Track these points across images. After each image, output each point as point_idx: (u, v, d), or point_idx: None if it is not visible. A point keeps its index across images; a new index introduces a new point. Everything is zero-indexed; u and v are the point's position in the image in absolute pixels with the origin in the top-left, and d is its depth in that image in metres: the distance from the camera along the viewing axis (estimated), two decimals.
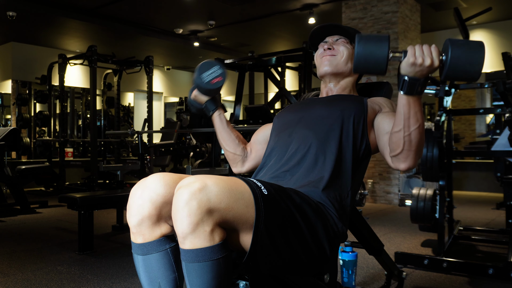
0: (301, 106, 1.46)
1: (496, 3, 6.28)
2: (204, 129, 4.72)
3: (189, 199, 0.91)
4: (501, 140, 3.20)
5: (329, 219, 1.17)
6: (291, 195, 1.09)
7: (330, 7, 6.50)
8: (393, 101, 1.42)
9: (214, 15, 7.12)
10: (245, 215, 0.97)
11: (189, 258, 0.93)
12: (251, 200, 0.98)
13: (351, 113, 1.32)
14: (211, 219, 0.92)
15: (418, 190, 3.02)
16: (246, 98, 6.39)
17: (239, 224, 0.97)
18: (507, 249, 2.68)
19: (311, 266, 1.14)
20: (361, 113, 1.33)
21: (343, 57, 1.42)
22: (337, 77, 1.45)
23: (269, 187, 1.05)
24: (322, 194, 1.20)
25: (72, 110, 9.75)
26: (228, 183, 0.98)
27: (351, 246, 1.91)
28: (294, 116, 1.43)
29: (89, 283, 2.32)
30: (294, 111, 1.46)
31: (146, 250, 1.05)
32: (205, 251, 0.92)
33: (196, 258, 0.93)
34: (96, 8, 6.69)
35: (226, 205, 0.94)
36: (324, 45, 1.46)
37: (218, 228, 0.94)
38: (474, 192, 6.95)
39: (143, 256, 1.05)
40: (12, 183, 4.79)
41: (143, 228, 1.04)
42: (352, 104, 1.35)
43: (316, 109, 1.39)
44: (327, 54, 1.44)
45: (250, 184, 1.02)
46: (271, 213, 1.01)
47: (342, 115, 1.32)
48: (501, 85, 2.61)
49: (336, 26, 1.46)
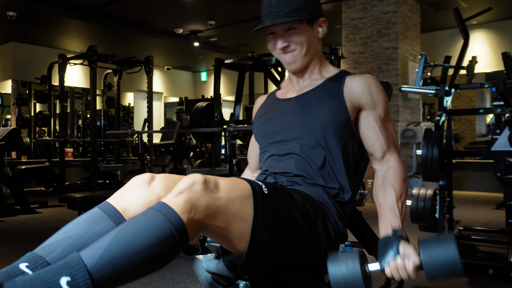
0: (275, 114, 1.34)
1: (496, 3, 6.28)
2: (204, 129, 4.72)
3: (196, 180, 0.91)
4: (501, 140, 3.20)
5: (330, 219, 1.16)
6: (292, 194, 1.09)
7: (330, 7, 6.50)
8: (378, 84, 1.27)
9: (214, 15, 7.12)
10: (242, 212, 0.96)
11: (155, 205, 0.88)
12: (250, 197, 0.98)
13: (331, 126, 1.23)
14: (203, 207, 0.89)
15: (418, 190, 3.02)
16: (246, 98, 6.39)
17: (236, 221, 0.96)
18: (507, 249, 2.68)
19: (311, 266, 1.13)
20: (343, 117, 1.24)
21: (304, 47, 1.25)
22: (306, 67, 1.32)
23: (270, 186, 1.05)
24: (324, 194, 1.19)
25: (72, 110, 9.75)
26: (230, 180, 0.99)
27: (351, 246, 1.91)
28: (273, 129, 1.33)
29: None
30: (270, 121, 1.35)
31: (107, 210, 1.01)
32: (170, 212, 0.85)
33: (158, 207, 0.86)
34: (96, 8, 6.69)
35: (226, 197, 0.94)
36: (277, 42, 1.26)
37: (200, 223, 0.89)
38: (474, 192, 6.95)
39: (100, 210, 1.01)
40: (12, 183, 4.79)
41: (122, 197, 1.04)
42: (329, 111, 1.24)
43: (292, 121, 1.28)
44: (287, 52, 1.26)
45: (251, 183, 1.02)
46: (270, 211, 1.00)
47: (323, 131, 1.23)
48: (501, 85, 2.60)
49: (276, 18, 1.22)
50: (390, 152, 1.25)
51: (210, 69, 11.36)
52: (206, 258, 1.17)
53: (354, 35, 6.07)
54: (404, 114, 5.85)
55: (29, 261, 0.89)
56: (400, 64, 5.77)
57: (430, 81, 3.79)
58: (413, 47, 6.14)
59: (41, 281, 0.74)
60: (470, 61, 3.48)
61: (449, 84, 2.91)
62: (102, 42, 8.12)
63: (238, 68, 4.93)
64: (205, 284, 1.22)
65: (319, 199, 1.18)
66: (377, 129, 1.24)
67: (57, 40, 8.39)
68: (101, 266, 0.78)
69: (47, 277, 0.75)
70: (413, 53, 6.10)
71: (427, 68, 3.64)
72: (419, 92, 3.93)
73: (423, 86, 3.57)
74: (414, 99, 6.11)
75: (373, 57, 5.94)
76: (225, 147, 4.09)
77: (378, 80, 1.28)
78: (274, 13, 1.21)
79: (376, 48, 5.90)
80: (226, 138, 4.12)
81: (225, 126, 4.43)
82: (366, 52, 5.98)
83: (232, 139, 4.15)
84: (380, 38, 5.85)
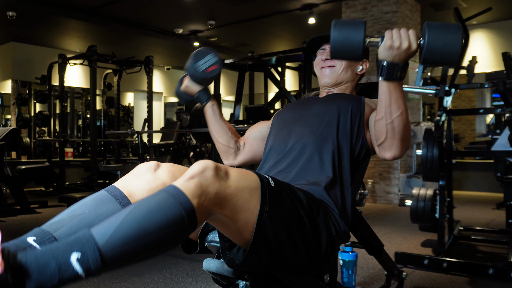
0: (300, 105, 1.48)
1: (496, 3, 6.28)
2: (204, 129, 4.72)
3: (207, 166, 0.91)
4: (501, 140, 3.20)
5: (331, 217, 1.17)
6: (296, 191, 1.10)
7: (330, 7, 6.50)
8: None
9: (214, 15, 7.12)
10: (249, 203, 0.97)
11: (166, 188, 0.88)
12: (258, 188, 0.99)
13: (348, 109, 1.33)
14: (213, 194, 0.90)
15: (418, 190, 3.02)
16: (246, 98, 6.39)
17: (242, 211, 0.96)
18: (507, 249, 2.68)
19: (312, 265, 1.14)
20: (358, 109, 1.34)
21: (342, 66, 1.43)
22: (338, 85, 1.47)
23: (277, 181, 1.06)
24: (323, 192, 1.20)
25: (72, 110, 9.75)
26: (240, 170, 0.99)
27: (351, 246, 1.91)
28: (293, 114, 1.44)
29: (89, 283, 2.32)
30: (293, 109, 1.47)
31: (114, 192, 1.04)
32: (182, 195, 0.85)
33: (169, 189, 0.87)
34: (96, 8, 6.69)
35: (235, 186, 0.94)
36: (323, 54, 1.47)
37: (208, 209, 0.90)
38: (474, 192, 6.95)
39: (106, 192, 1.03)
40: (12, 183, 4.79)
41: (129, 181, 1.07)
42: (350, 101, 1.36)
43: (314, 107, 1.41)
44: (326, 65, 1.45)
45: (259, 175, 1.03)
46: (276, 205, 1.01)
47: (339, 110, 1.33)
48: (501, 85, 2.61)
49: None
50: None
51: None
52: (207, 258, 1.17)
53: None
54: None
55: (37, 236, 0.89)
56: None
57: (430, 81, 3.79)
58: None
59: (52, 255, 0.74)
60: (470, 61, 3.49)
61: (449, 84, 2.91)
62: (102, 42, 8.12)
63: (238, 68, 4.93)
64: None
65: (319, 197, 1.18)
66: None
67: (57, 40, 8.39)
68: (112, 244, 0.78)
69: (58, 252, 0.75)
70: None
71: (427, 68, 3.64)
72: (419, 92, 3.93)
73: (423, 86, 3.57)
74: (414, 99, 6.11)
75: (373, 56, 5.94)
76: None
77: None
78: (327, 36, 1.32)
79: (376, 48, 5.89)
80: None
81: None
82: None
83: None
84: None
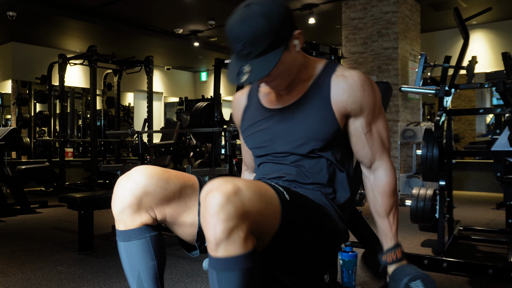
0: (266, 130, 1.25)
1: (496, 3, 6.28)
2: (204, 129, 4.72)
3: (224, 203, 0.86)
4: (501, 140, 3.20)
5: (330, 220, 1.18)
6: (304, 199, 1.12)
7: (330, 7, 6.50)
8: (374, 85, 1.21)
9: (214, 15, 7.12)
10: (271, 221, 0.98)
11: (222, 267, 0.88)
12: (278, 206, 1.00)
13: (324, 140, 1.18)
14: (245, 224, 0.88)
15: (418, 190, 3.02)
16: None
17: (263, 228, 0.96)
18: (507, 249, 2.68)
19: (314, 267, 1.16)
20: (334, 129, 1.17)
21: (284, 74, 1.16)
22: (292, 82, 1.22)
23: (289, 192, 1.07)
24: (322, 196, 1.20)
25: (72, 110, 9.76)
26: (257, 187, 0.97)
27: (351, 246, 1.91)
28: (265, 144, 1.26)
29: (89, 283, 2.32)
30: (260, 130, 1.27)
31: (127, 237, 1.08)
32: (239, 259, 0.88)
33: (230, 266, 0.88)
34: (96, 8, 6.69)
35: (258, 209, 0.93)
36: (257, 82, 1.28)
37: (251, 234, 0.90)
38: (474, 192, 6.95)
39: (124, 243, 1.09)
40: (12, 183, 4.79)
41: (125, 216, 1.09)
42: (321, 125, 1.17)
43: (284, 142, 1.21)
44: (269, 85, 1.19)
45: (276, 188, 1.03)
46: (292, 219, 1.03)
47: (315, 146, 1.18)
48: (501, 85, 2.60)
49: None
50: (378, 159, 1.22)
51: (210, 69, 11.36)
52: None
53: (354, 35, 6.07)
54: (404, 114, 5.85)
55: None
56: (400, 64, 5.78)
57: (430, 81, 3.78)
58: (413, 47, 6.14)
59: None
60: (470, 61, 3.48)
61: (449, 84, 2.91)
62: (102, 42, 8.12)
63: None
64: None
65: (318, 201, 1.19)
66: (363, 137, 1.20)
67: (57, 40, 8.39)
68: None
69: None
70: (413, 53, 6.10)
71: (427, 68, 3.63)
72: (419, 92, 3.93)
73: (423, 86, 3.56)
74: (414, 99, 6.11)
75: (373, 57, 5.94)
76: (225, 147, 4.09)
77: (365, 76, 1.19)
78: (244, 56, 1.08)
79: (376, 48, 5.90)
80: (226, 138, 4.12)
81: (225, 126, 4.43)
82: (366, 52, 5.98)
83: (232, 139, 4.15)
84: (380, 38, 5.86)
